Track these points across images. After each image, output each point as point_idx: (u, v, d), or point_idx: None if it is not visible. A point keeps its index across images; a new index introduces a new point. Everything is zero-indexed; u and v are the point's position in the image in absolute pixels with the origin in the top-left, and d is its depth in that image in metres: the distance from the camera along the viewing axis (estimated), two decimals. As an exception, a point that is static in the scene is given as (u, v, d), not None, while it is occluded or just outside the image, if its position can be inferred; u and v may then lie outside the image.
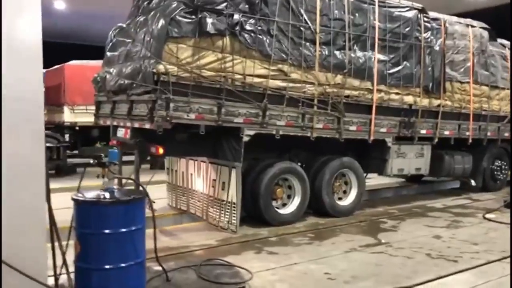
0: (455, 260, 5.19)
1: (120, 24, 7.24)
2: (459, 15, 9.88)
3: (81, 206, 3.51)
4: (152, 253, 3.96)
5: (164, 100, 5.48)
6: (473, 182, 9.92)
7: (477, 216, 7.54)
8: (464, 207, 8.44)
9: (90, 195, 3.55)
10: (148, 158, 7.77)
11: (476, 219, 7.30)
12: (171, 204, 7.86)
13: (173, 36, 5.49)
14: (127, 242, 3.53)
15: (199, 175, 7.08)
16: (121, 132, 6.67)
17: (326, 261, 5.06)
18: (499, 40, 9.95)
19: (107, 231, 3.44)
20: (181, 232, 6.47)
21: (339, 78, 6.95)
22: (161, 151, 6.00)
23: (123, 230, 3.48)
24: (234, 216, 6.22)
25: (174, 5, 5.64)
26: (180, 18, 5.52)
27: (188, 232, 6.38)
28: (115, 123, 6.80)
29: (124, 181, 4.91)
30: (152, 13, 6.04)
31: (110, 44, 7.11)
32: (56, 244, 3.53)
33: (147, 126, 5.70)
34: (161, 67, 5.42)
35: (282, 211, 6.82)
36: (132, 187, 4.93)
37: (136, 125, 6.02)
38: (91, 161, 3.84)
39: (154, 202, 4.23)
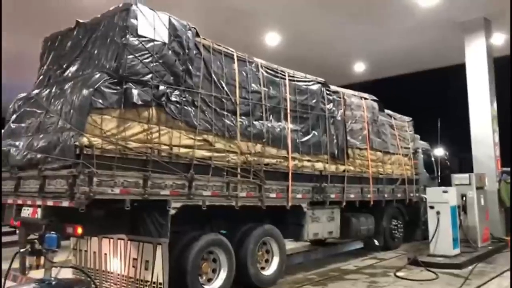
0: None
1: (24, 94, 6.68)
2: (346, 86, 10.89)
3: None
4: None
5: (86, 174, 5.05)
6: (376, 242, 10.54)
7: (389, 275, 7.94)
8: (374, 267, 8.85)
9: (23, 290, 3.04)
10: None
11: (390, 278, 7.68)
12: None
13: (97, 107, 5.19)
14: None
15: (115, 255, 6.51)
16: (27, 212, 5.91)
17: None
18: (386, 111, 11.13)
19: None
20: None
21: (258, 147, 7.12)
22: (79, 231, 5.42)
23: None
24: (160, 297, 5.76)
25: (97, 76, 5.39)
26: (105, 89, 5.28)
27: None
28: (19, 202, 6.04)
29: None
30: (70, 83, 5.69)
31: (15, 115, 6.48)
32: None
33: (66, 203, 5.16)
34: (84, 140, 5.05)
35: (209, 287, 6.49)
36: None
37: (50, 203, 5.41)
38: (22, 250, 3.30)
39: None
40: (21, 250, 3.31)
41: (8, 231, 11.90)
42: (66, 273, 6.14)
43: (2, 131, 6.71)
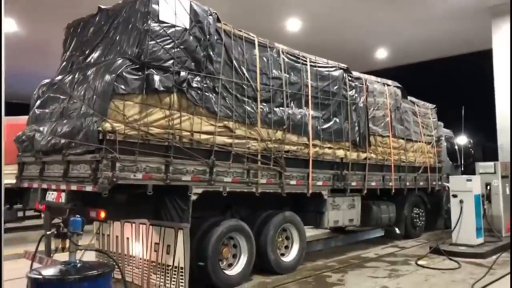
0: (411, 311, 5.30)
1: (48, 80, 6.77)
2: (368, 73, 10.69)
3: (40, 286, 3.04)
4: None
5: (109, 159, 5.11)
6: (397, 230, 10.44)
7: (410, 263, 7.87)
8: (395, 255, 8.78)
9: (49, 271, 3.10)
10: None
11: (411, 267, 7.61)
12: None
13: (119, 92, 5.22)
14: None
15: (137, 239, 6.60)
16: (52, 196, 6.04)
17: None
18: (409, 98, 10.93)
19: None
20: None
21: (279, 134, 7.09)
22: (102, 215, 5.50)
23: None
24: (181, 282, 5.82)
25: (119, 62, 5.41)
26: (127, 75, 5.30)
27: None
28: (44, 186, 6.16)
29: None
30: (92, 69, 5.73)
31: (39, 100, 6.58)
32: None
33: (89, 188, 5.23)
34: (107, 125, 5.09)
35: (229, 272, 6.53)
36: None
37: (74, 187, 5.49)
38: (48, 232, 3.37)
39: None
40: (47, 233, 3.38)
41: (34, 215, 12.23)
42: (90, 256, 6.26)
43: (27, 116, 6.84)
